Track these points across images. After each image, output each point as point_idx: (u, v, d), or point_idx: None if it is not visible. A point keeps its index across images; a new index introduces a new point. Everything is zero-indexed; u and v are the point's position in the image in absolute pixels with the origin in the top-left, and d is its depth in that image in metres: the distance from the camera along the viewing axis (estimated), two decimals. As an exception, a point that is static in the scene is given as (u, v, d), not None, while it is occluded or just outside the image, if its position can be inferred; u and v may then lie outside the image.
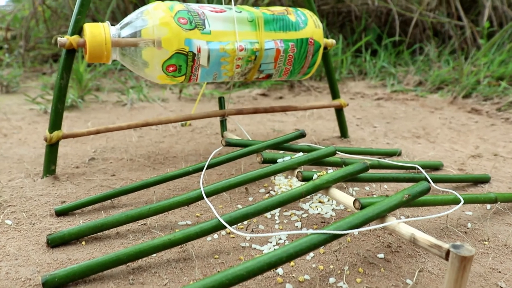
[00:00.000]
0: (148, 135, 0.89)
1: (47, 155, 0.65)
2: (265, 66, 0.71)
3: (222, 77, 0.70)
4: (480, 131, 1.01)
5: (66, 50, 0.63)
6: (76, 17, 0.63)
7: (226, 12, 0.68)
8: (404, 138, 0.94)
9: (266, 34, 0.69)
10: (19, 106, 1.16)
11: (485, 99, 1.24)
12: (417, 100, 1.29)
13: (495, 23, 1.69)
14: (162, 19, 0.62)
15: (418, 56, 1.67)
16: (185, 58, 0.63)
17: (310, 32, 0.73)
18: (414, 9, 1.72)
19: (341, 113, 0.88)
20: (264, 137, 0.89)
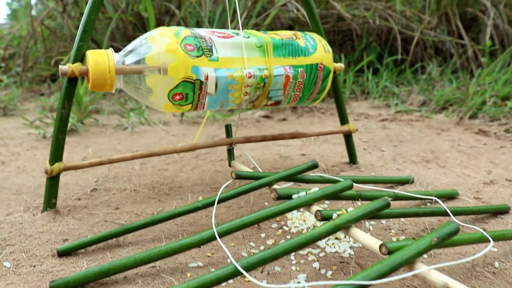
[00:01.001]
0: (151, 162, 0.87)
1: (47, 188, 0.62)
2: (274, 93, 0.69)
3: (230, 104, 0.67)
4: (490, 154, 0.99)
5: (68, 78, 0.61)
6: (78, 44, 0.61)
7: (234, 38, 0.65)
8: (413, 162, 0.92)
9: (275, 60, 0.67)
10: (17, 130, 1.13)
11: (492, 119, 1.22)
12: (423, 121, 1.27)
13: (496, 41, 1.68)
14: (168, 46, 0.59)
15: (421, 75, 1.66)
16: (192, 86, 0.61)
17: (320, 57, 0.71)
18: (415, 28, 1.71)
19: (350, 138, 0.85)
20: (271, 163, 0.86)
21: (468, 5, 1.82)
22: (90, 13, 0.61)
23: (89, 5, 0.61)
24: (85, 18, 0.61)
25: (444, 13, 1.81)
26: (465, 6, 1.82)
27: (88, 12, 0.61)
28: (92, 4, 0.61)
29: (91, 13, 0.61)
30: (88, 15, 0.61)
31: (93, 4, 0.61)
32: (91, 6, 0.61)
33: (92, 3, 0.61)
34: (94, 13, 0.62)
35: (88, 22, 0.61)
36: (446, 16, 1.81)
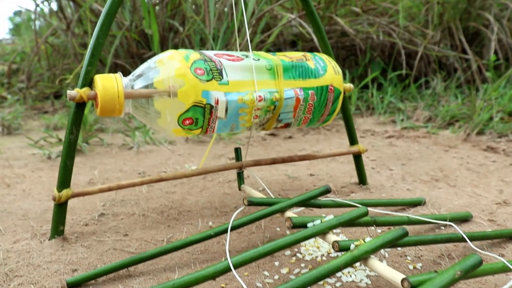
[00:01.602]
0: (158, 184, 0.85)
1: (55, 215, 0.61)
2: (284, 115, 0.68)
3: (240, 128, 0.66)
4: (500, 172, 0.98)
5: (76, 103, 0.60)
6: (86, 69, 0.60)
7: (243, 61, 0.64)
8: (423, 182, 0.91)
9: (285, 82, 0.66)
10: (21, 150, 1.12)
11: (500, 135, 1.21)
12: (429, 138, 1.26)
13: (500, 55, 1.67)
14: (178, 70, 0.59)
15: (425, 91, 1.65)
16: (202, 110, 0.60)
17: (330, 79, 0.70)
18: (418, 43, 1.71)
19: (359, 159, 0.84)
20: (280, 185, 0.85)
21: (470, 19, 1.82)
22: (98, 37, 0.61)
23: (97, 29, 0.61)
24: (93, 43, 0.60)
25: (447, 27, 1.81)
26: (467, 21, 1.82)
27: (96, 36, 0.60)
28: (100, 28, 0.61)
29: (99, 37, 0.61)
30: (96, 39, 0.60)
31: (101, 28, 0.61)
32: (99, 30, 0.61)
33: (100, 27, 0.61)
34: (102, 37, 0.61)
35: (96, 46, 0.60)
36: (449, 30, 1.81)
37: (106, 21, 0.61)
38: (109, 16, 0.61)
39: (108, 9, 0.61)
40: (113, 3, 0.61)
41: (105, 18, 0.61)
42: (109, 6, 0.61)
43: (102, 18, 0.61)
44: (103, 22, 0.61)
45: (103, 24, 0.61)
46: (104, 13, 0.61)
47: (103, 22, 0.61)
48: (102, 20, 0.61)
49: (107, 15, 0.61)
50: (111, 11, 0.61)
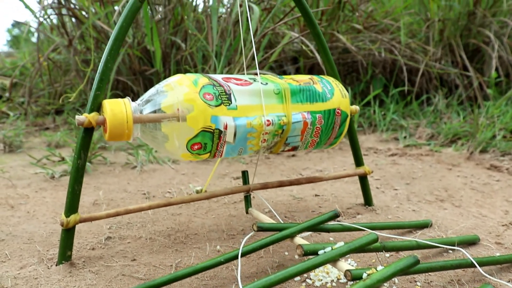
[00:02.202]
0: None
1: (63, 240, 0.60)
2: (291, 139, 0.68)
3: (248, 152, 0.66)
4: (505, 191, 0.98)
5: (84, 128, 0.60)
6: (95, 93, 0.60)
7: (252, 85, 0.65)
8: (428, 202, 0.91)
9: (293, 106, 0.66)
10: (23, 168, 1.11)
11: (503, 154, 1.21)
12: (432, 155, 1.26)
13: (501, 72, 1.68)
14: (187, 95, 0.59)
15: (427, 108, 1.66)
16: (211, 136, 0.60)
17: (337, 102, 0.70)
18: (420, 59, 1.72)
19: (365, 180, 0.84)
20: (286, 206, 0.85)
21: (470, 36, 1.83)
22: (107, 62, 0.61)
23: (106, 54, 0.61)
24: (102, 67, 0.61)
25: (447, 44, 1.82)
26: (468, 38, 1.83)
27: (104, 61, 0.61)
28: (108, 53, 0.61)
29: (107, 62, 0.61)
30: (104, 64, 0.61)
31: (109, 53, 0.61)
32: (107, 55, 0.61)
33: (108, 52, 0.61)
34: (111, 62, 0.61)
35: (104, 71, 0.61)
36: (450, 47, 1.82)
37: (115, 46, 0.61)
38: (117, 41, 0.61)
39: (117, 34, 0.61)
40: (122, 28, 0.61)
41: (113, 43, 0.61)
42: (118, 31, 0.61)
43: (110, 43, 0.61)
44: (111, 47, 0.61)
45: (112, 49, 0.61)
46: (113, 38, 0.61)
47: (112, 47, 0.61)
48: (110, 45, 0.61)
49: (115, 40, 0.61)
50: (120, 36, 0.61)
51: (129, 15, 0.62)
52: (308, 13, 0.75)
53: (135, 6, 0.63)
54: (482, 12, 1.76)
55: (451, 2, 1.82)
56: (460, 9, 1.78)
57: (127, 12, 0.62)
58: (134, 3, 0.62)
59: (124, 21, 0.62)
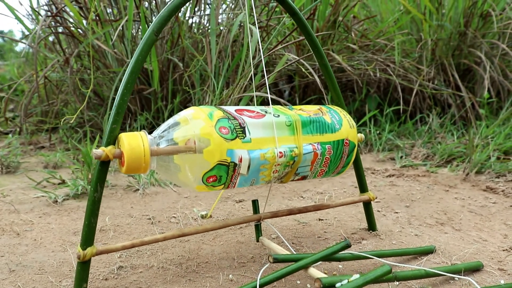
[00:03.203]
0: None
1: (78, 273, 0.60)
2: (301, 169, 0.69)
3: (260, 182, 0.67)
4: (502, 214, 1.00)
5: (100, 161, 0.60)
6: (111, 127, 0.61)
7: (265, 118, 0.66)
8: (429, 226, 0.92)
9: (304, 137, 0.68)
10: (23, 191, 1.11)
11: (498, 175, 1.24)
12: (429, 176, 1.29)
13: (492, 92, 1.72)
14: (204, 129, 0.60)
15: (422, 127, 1.69)
16: (226, 168, 0.61)
17: (346, 133, 0.72)
18: (414, 79, 1.75)
19: (369, 206, 0.86)
20: (291, 231, 0.86)
21: (462, 56, 1.87)
22: (123, 95, 0.61)
23: (122, 87, 0.62)
24: (118, 100, 0.61)
25: (440, 63, 1.86)
26: (459, 58, 1.87)
27: (121, 94, 0.61)
28: (125, 86, 0.62)
29: (124, 95, 0.62)
30: (121, 97, 0.61)
31: (125, 86, 0.62)
32: (124, 88, 0.62)
33: (125, 85, 0.62)
34: (127, 95, 0.62)
35: (121, 104, 0.61)
36: (442, 66, 1.86)
37: (131, 80, 0.62)
38: (133, 74, 0.62)
39: (133, 68, 0.62)
40: (138, 61, 0.62)
41: (129, 77, 0.62)
42: (134, 65, 0.62)
43: (126, 76, 0.62)
44: (128, 80, 0.62)
45: (128, 83, 0.62)
46: (129, 72, 0.62)
47: (128, 80, 0.62)
48: (127, 78, 0.62)
49: (131, 73, 0.62)
50: (136, 70, 0.62)
51: (145, 49, 0.63)
52: (316, 46, 0.77)
53: (151, 39, 0.64)
54: (472, 33, 1.80)
55: (443, 22, 1.86)
56: (452, 29, 1.82)
57: (143, 46, 0.63)
58: (149, 36, 0.64)
59: (140, 55, 0.63)
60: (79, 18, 1.49)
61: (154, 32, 0.64)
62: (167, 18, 0.66)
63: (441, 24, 1.86)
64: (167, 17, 0.65)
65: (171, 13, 0.66)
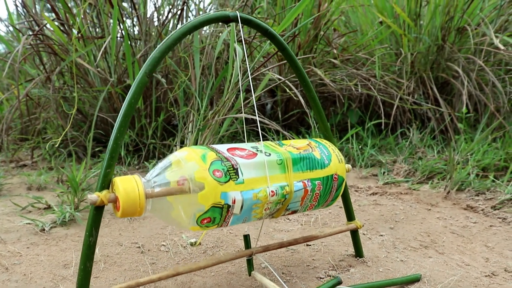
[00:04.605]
0: (160, 261, 0.86)
1: (73, 317, 0.61)
2: (292, 205, 0.71)
3: (252, 219, 0.68)
4: (482, 235, 1.03)
5: (95, 206, 0.61)
6: (105, 171, 0.61)
7: (256, 157, 0.67)
8: (413, 249, 0.95)
9: (294, 175, 0.69)
10: (8, 217, 1.10)
11: (477, 193, 1.27)
12: (411, 194, 1.32)
13: (470, 107, 1.77)
14: (198, 173, 0.61)
15: (403, 142, 1.72)
16: (220, 210, 0.62)
17: (335, 168, 0.73)
18: (394, 93, 1.79)
19: (356, 234, 0.88)
20: (280, 259, 0.88)
21: (439, 70, 1.91)
22: (117, 139, 0.62)
23: (115, 131, 0.62)
24: (112, 145, 0.62)
25: (419, 77, 1.90)
26: (437, 71, 1.91)
27: (114, 138, 0.62)
28: (118, 129, 0.62)
29: (117, 139, 0.62)
30: (114, 141, 0.62)
31: (119, 130, 0.62)
32: (117, 132, 0.62)
33: (118, 129, 0.62)
34: (120, 139, 0.62)
35: (114, 148, 0.62)
36: (421, 79, 1.90)
37: (124, 123, 0.63)
38: (126, 117, 0.63)
39: (125, 111, 0.63)
40: (131, 104, 0.63)
41: (123, 119, 0.62)
42: (127, 108, 0.63)
43: (120, 119, 0.62)
44: (121, 123, 0.62)
45: (121, 126, 0.62)
46: (122, 114, 0.62)
47: (121, 124, 0.62)
48: (120, 121, 0.62)
49: (124, 116, 0.63)
50: (128, 112, 0.63)
51: (137, 91, 0.64)
52: (305, 80, 0.78)
53: (143, 81, 0.64)
54: (450, 47, 1.84)
55: (421, 35, 1.90)
56: (430, 42, 1.86)
57: (135, 88, 0.64)
58: (142, 78, 0.64)
59: (133, 97, 0.63)
60: (60, 36, 1.48)
61: (147, 74, 0.65)
62: (159, 60, 0.66)
63: (419, 37, 1.90)
64: (158, 58, 0.66)
65: (163, 54, 0.67)
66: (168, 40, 0.67)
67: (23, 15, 1.69)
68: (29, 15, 1.59)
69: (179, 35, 0.68)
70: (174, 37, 0.67)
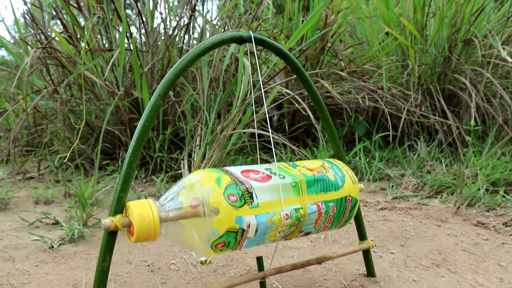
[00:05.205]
0: (171, 280, 0.85)
1: None
2: (306, 227, 0.70)
3: (265, 242, 0.68)
4: (495, 253, 1.02)
5: (109, 231, 0.60)
6: (119, 195, 0.61)
7: (271, 180, 0.66)
8: (425, 268, 0.94)
9: (309, 197, 0.69)
10: (16, 233, 1.09)
11: (488, 209, 1.26)
12: (420, 209, 1.31)
13: (478, 119, 1.76)
14: (213, 198, 0.60)
15: (410, 155, 1.71)
16: (235, 235, 0.61)
17: (348, 190, 0.73)
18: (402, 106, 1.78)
19: (368, 254, 0.87)
20: (292, 279, 0.87)
21: (446, 81, 1.91)
22: (131, 163, 0.61)
23: (129, 154, 0.62)
24: (126, 168, 0.61)
25: (426, 88, 1.90)
26: (444, 83, 1.91)
27: (128, 162, 0.61)
28: (132, 153, 0.62)
29: (131, 163, 0.61)
30: (128, 165, 0.61)
31: (133, 153, 0.62)
32: (131, 156, 0.62)
33: (132, 153, 0.62)
34: (134, 163, 0.62)
35: (128, 173, 0.61)
36: (428, 91, 1.90)
37: (138, 146, 0.62)
38: (140, 140, 0.62)
39: (140, 134, 0.62)
40: (144, 127, 0.62)
41: (136, 143, 0.62)
42: (141, 131, 0.62)
43: (134, 143, 0.62)
44: (135, 147, 0.62)
45: (135, 149, 0.62)
46: (136, 138, 0.62)
47: (135, 147, 0.62)
48: (134, 145, 0.62)
49: (138, 140, 0.62)
50: (143, 136, 0.62)
51: (151, 114, 0.63)
52: (318, 99, 0.78)
53: (157, 104, 0.64)
54: (456, 58, 1.84)
55: (427, 46, 1.90)
56: (436, 54, 1.86)
57: (150, 111, 0.63)
58: (156, 101, 0.64)
59: (147, 120, 0.63)
60: (68, 48, 1.48)
61: (160, 97, 0.64)
62: (173, 82, 0.66)
63: (425, 49, 1.90)
64: (173, 80, 0.66)
65: (177, 76, 0.66)
66: (182, 62, 0.67)
67: (31, 26, 1.69)
68: (38, 28, 1.60)
69: (192, 57, 0.67)
70: (188, 59, 0.67)
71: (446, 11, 1.82)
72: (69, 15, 1.49)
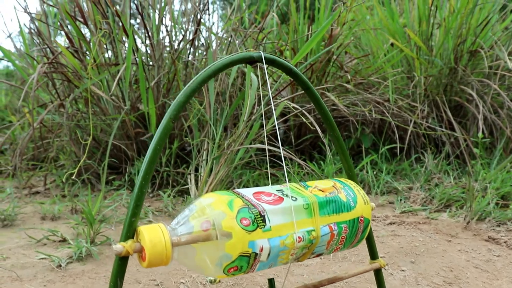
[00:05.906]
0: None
1: None
2: (318, 248, 0.69)
3: (278, 264, 0.67)
4: (508, 270, 1.01)
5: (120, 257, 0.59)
6: (130, 220, 0.60)
7: (283, 203, 0.66)
8: (437, 287, 0.93)
9: (321, 219, 0.68)
10: (23, 250, 1.09)
11: (499, 224, 1.25)
12: (429, 224, 1.30)
13: (485, 131, 1.75)
14: (225, 222, 0.59)
15: (418, 167, 1.70)
16: (248, 259, 0.61)
17: (360, 210, 0.72)
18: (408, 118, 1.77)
19: (380, 273, 0.86)
20: (303, 300, 0.86)
21: (453, 93, 1.90)
22: (141, 187, 0.61)
23: (141, 177, 0.61)
24: (137, 192, 0.61)
25: (432, 99, 1.89)
26: (450, 94, 1.90)
27: (139, 186, 0.61)
28: (143, 177, 0.61)
29: (142, 187, 0.61)
30: (139, 189, 0.61)
31: (144, 177, 0.61)
32: (142, 179, 0.61)
33: (143, 176, 0.61)
34: (145, 186, 0.61)
35: (140, 197, 0.60)
36: (434, 102, 1.89)
37: (149, 169, 0.61)
38: (151, 163, 0.62)
39: (150, 157, 0.62)
40: (155, 150, 0.62)
41: (148, 166, 0.61)
42: (151, 154, 0.62)
43: (145, 166, 0.61)
44: (146, 170, 0.61)
45: (146, 173, 0.61)
46: (147, 161, 0.61)
47: (146, 171, 0.61)
48: (145, 168, 0.61)
49: (149, 163, 0.61)
50: (153, 159, 0.62)
51: (162, 137, 0.63)
52: (328, 118, 0.77)
53: (168, 127, 0.63)
54: (462, 69, 1.83)
55: (433, 57, 1.89)
56: (442, 65, 1.85)
57: (160, 134, 0.63)
58: (167, 124, 0.63)
59: (158, 143, 0.62)
60: (74, 63, 1.48)
61: (171, 120, 0.64)
62: (184, 104, 0.65)
63: (431, 60, 1.89)
64: (183, 102, 0.65)
65: (188, 98, 0.66)
66: (193, 84, 0.66)
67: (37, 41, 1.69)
68: (44, 43, 1.60)
69: (203, 79, 0.67)
70: (198, 81, 0.67)
71: (452, 22, 1.82)
72: (75, 29, 1.49)
